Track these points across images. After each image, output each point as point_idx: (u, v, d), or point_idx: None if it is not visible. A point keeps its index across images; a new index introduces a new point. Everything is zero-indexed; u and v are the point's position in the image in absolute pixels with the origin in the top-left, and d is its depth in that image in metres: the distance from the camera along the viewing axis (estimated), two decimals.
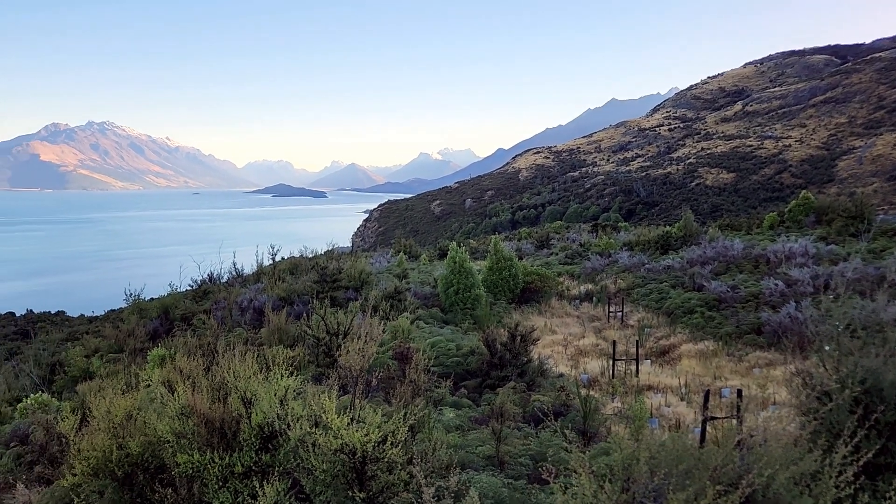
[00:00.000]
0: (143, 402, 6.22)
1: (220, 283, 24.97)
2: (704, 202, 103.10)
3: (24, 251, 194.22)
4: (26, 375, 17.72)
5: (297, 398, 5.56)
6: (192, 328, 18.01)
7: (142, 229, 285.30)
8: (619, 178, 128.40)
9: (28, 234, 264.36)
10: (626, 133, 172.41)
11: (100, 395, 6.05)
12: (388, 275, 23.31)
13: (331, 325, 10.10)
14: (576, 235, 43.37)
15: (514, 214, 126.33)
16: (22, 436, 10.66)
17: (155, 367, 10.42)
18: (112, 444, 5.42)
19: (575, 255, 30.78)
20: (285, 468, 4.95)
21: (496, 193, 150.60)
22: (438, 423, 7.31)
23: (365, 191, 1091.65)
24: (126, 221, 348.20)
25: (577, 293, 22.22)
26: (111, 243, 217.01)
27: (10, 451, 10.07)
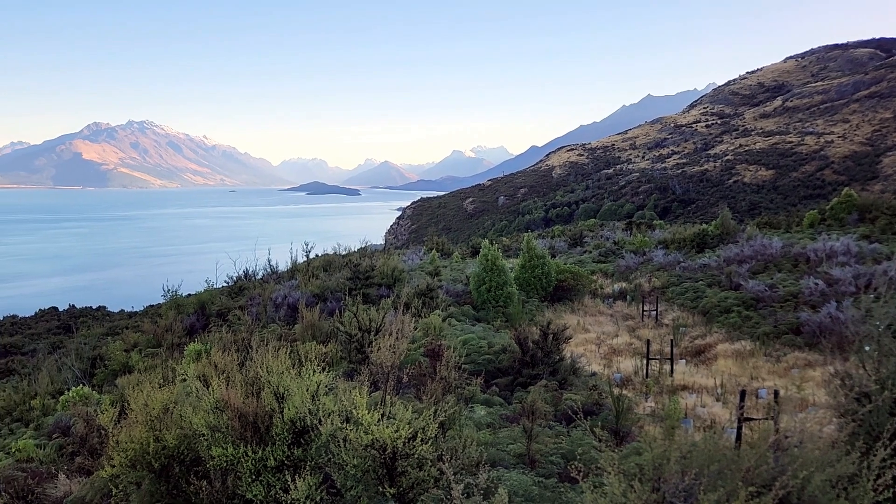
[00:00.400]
0: (179, 396, 6.34)
1: (256, 280, 25.31)
2: (742, 200, 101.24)
3: (67, 248, 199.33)
4: (68, 369, 18.18)
5: (328, 394, 5.61)
6: (228, 324, 18.29)
7: (180, 226, 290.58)
8: (655, 176, 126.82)
9: (71, 231, 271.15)
10: (662, 130, 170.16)
11: (138, 388, 6.18)
12: (420, 272, 23.37)
13: (363, 321, 10.16)
14: (610, 233, 42.96)
15: (548, 212, 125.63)
16: (64, 427, 10.96)
17: (191, 361, 10.60)
18: (149, 436, 5.53)
19: (608, 253, 30.49)
20: (317, 463, 5.00)
21: (529, 191, 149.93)
22: (469, 420, 7.31)
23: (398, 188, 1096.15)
24: (164, 219, 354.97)
25: (610, 291, 22.02)
26: (150, 240, 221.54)
27: (53, 442, 10.36)
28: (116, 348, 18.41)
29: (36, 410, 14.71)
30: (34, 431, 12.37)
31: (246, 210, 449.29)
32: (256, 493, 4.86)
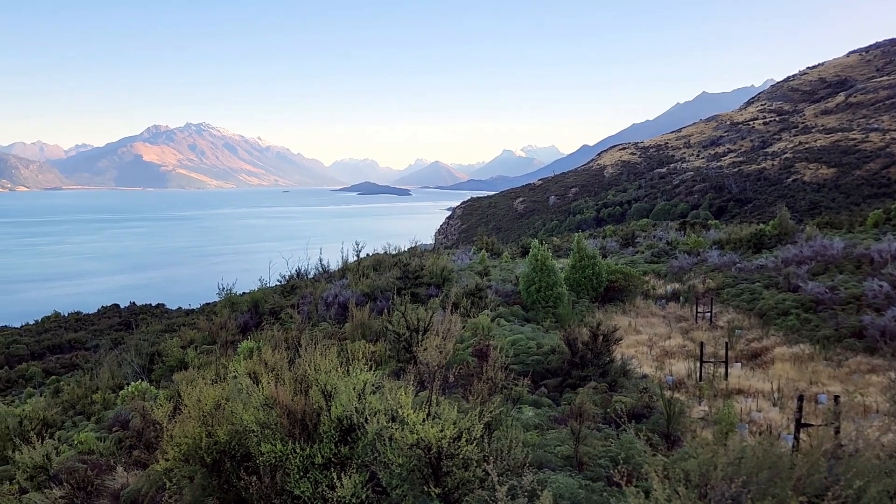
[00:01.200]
0: (230, 393, 6.47)
1: (307, 279, 25.70)
2: (802, 199, 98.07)
3: (128, 247, 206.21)
4: (128, 364, 18.78)
5: (375, 392, 5.65)
6: (280, 322, 18.61)
7: (235, 226, 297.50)
8: (710, 174, 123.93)
9: (132, 230, 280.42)
10: (718, 127, 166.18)
11: (191, 385, 6.34)
12: (469, 272, 23.37)
13: (411, 320, 10.20)
14: (663, 233, 42.17)
15: (599, 212, 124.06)
16: (123, 421, 11.32)
17: (243, 359, 10.82)
18: (202, 431, 5.66)
19: (661, 254, 29.93)
20: (363, 461, 5.04)
21: (580, 190, 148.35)
22: (517, 421, 7.26)
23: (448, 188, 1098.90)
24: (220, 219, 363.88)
25: (663, 292, 21.61)
26: (207, 239, 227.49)
27: (113, 435, 10.71)
28: (173, 345, 18.93)
29: (97, 404, 15.24)
30: (95, 424, 12.81)
31: (299, 210, 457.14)
32: (304, 490, 4.93)
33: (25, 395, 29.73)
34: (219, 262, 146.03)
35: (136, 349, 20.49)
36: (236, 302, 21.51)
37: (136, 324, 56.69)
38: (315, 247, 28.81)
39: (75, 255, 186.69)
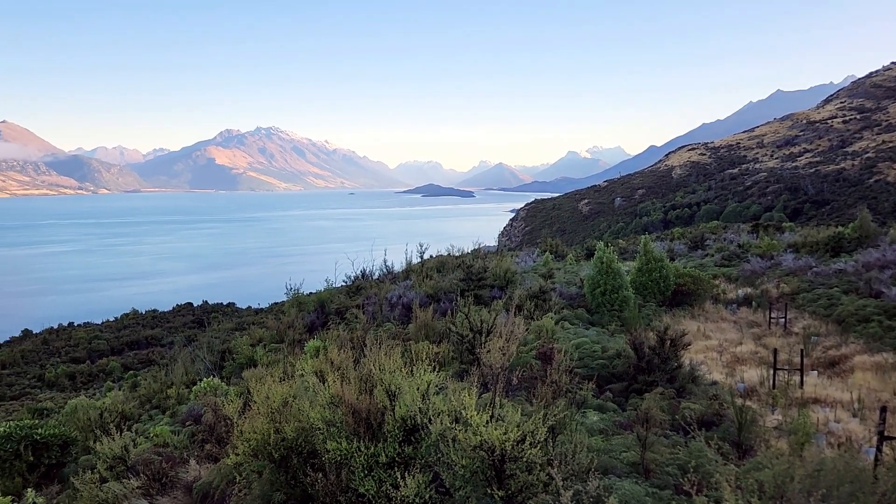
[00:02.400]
0: (298, 391, 6.61)
1: (372, 280, 26.02)
2: (885, 200, 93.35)
3: (201, 247, 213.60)
4: (200, 361, 19.43)
5: (438, 393, 5.67)
6: (346, 322, 18.90)
7: (302, 227, 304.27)
8: (784, 175, 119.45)
9: (204, 231, 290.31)
10: (793, 126, 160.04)
11: (260, 382, 6.50)
12: (533, 274, 23.20)
13: (474, 322, 10.19)
14: (734, 236, 40.90)
15: (667, 214, 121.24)
16: (196, 416, 11.71)
17: (310, 357, 11.03)
18: (270, 428, 5.80)
19: (732, 257, 29.02)
20: (426, 461, 5.06)
21: (647, 192, 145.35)
22: (581, 425, 7.16)
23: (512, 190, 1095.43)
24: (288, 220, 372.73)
25: (734, 297, 20.94)
26: (275, 241, 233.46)
27: (186, 429, 11.09)
28: (243, 343, 19.49)
29: (172, 399, 15.83)
30: (170, 418, 13.30)
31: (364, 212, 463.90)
32: (368, 488, 4.98)
33: (105, 388, 31.15)
34: (286, 263, 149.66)
35: (208, 346, 21.17)
36: (303, 302, 21.96)
37: (207, 322, 58.71)
38: (379, 248, 29.14)
39: (152, 255, 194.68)
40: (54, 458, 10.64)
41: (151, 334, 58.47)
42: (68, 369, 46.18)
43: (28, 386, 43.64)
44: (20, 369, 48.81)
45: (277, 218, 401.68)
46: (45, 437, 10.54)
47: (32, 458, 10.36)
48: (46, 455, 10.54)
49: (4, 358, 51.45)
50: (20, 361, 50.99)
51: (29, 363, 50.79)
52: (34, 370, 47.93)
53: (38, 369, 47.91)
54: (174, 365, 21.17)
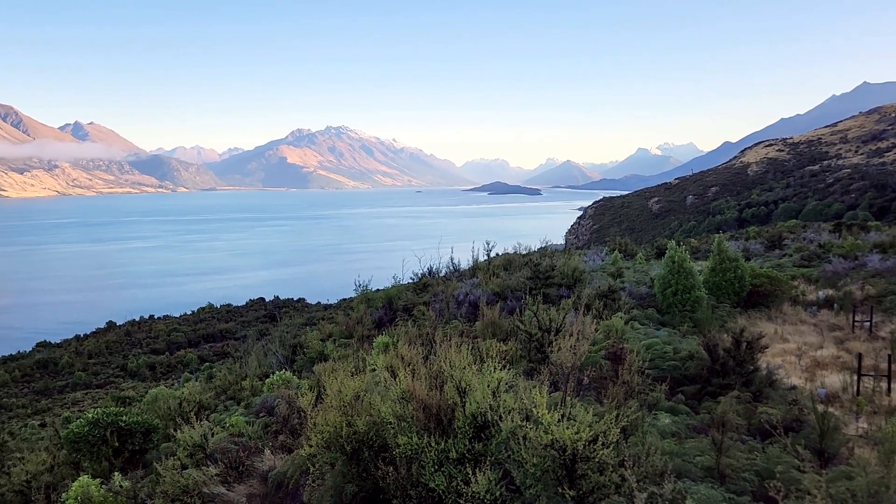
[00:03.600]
0: (368, 385, 6.72)
1: (439, 277, 26.17)
2: None
3: (273, 244, 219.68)
4: (273, 354, 19.98)
5: (508, 391, 5.66)
6: (413, 318, 19.08)
7: (370, 225, 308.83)
8: (870, 172, 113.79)
9: (276, 228, 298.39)
10: (881, 120, 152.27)
11: (332, 375, 6.64)
12: (601, 273, 22.88)
13: (543, 321, 10.13)
14: (814, 235, 39.26)
15: (741, 212, 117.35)
16: (269, 407, 12.05)
17: (379, 353, 11.19)
18: (342, 421, 5.92)
19: (812, 257, 27.86)
20: (496, 458, 5.06)
21: (721, 190, 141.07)
22: (653, 427, 7.03)
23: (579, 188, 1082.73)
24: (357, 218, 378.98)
25: (814, 299, 20.11)
26: (344, 238, 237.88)
27: (260, 420, 11.43)
28: (313, 337, 19.93)
29: (246, 391, 16.34)
30: (244, 409, 13.73)
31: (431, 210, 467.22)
32: (439, 483, 5.02)
33: (183, 379, 32.39)
34: (355, 260, 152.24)
35: (280, 340, 21.75)
36: (372, 298, 22.28)
37: (279, 316, 60.30)
38: (446, 246, 29.28)
39: (226, 251, 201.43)
40: (137, 444, 11.14)
41: (226, 328, 60.48)
42: (149, 360, 48.27)
43: (112, 375, 45.86)
44: (105, 359, 51.34)
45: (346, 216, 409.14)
46: (129, 424, 11.05)
47: (118, 443, 10.89)
48: (130, 441, 11.05)
49: (91, 348, 54.24)
50: (105, 352, 53.64)
51: (113, 353, 53.37)
52: (118, 360, 50.31)
53: (121, 359, 50.27)
54: (248, 358, 21.84)
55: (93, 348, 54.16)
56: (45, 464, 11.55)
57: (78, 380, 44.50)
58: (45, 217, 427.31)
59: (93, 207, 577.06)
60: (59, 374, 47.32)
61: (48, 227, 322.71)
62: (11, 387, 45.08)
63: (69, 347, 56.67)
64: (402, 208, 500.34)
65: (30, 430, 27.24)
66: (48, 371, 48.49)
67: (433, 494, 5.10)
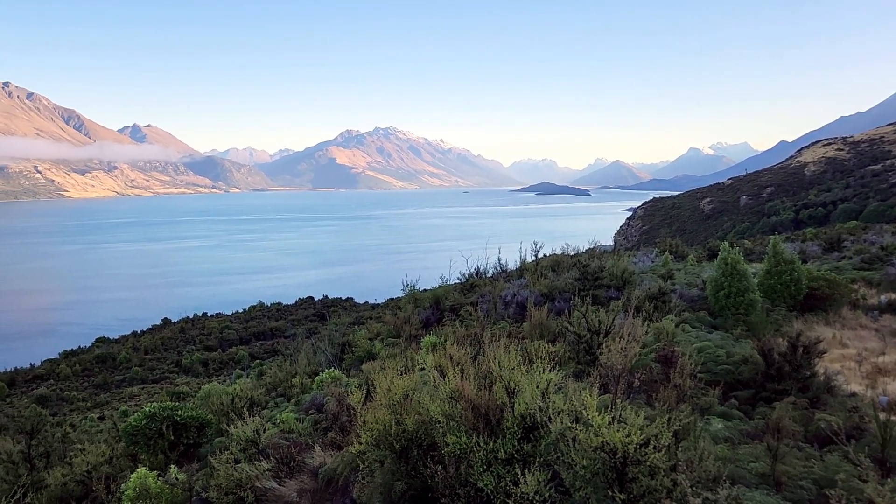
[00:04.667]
0: (417, 384, 6.77)
1: (486, 278, 26.15)
2: None
3: (321, 243, 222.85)
4: (322, 353, 20.26)
5: (557, 392, 5.64)
6: (460, 318, 19.11)
7: (417, 225, 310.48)
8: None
9: (325, 228, 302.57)
10: None
11: (381, 374, 6.71)
12: (651, 275, 22.53)
13: (592, 322, 10.04)
14: (875, 237, 37.87)
15: (798, 213, 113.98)
16: (318, 405, 12.23)
17: (427, 352, 11.25)
18: (391, 419, 5.98)
19: (874, 260, 26.89)
20: (545, 460, 5.05)
21: (776, 190, 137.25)
22: (705, 432, 6.90)
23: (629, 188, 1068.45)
24: (404, 218, 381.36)
25: (875, 303, 19.41)
26: (391, 238, 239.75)
27: (309, 417, 11.60)
28: (362, 336, 20.13)
29: (296, 388, 16.60)
30: (294, 406, 13.96)
31: (478, 210, 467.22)
32: (487, 483, 5.03)
33: (235, 375, 33.11)
34: (402, 260, 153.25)
35: (329, 339, 22.05)
36: (419, 298, 22.39)
37: (328, 315, 61.12)
38: (493, 246, 29.24)
39: (276, 250, 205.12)
40: (192, 438, 11.44)
41: (276, 326, 61.53)
42: (202, 356, 49.46)
43: (167, 371, 47.14)
44: (160, 355, 52.82)
45: (394, 216, 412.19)
46: (184, 419, 11.35)
47: (173, 437, 11.19)
48: (185, 435, 11.35)
49: (147, 344, 55.87)
50: (160, 348, 55.18)
51: (168, 349, 54.87)
52: (172, 356, 51.70)
53: (175, 356, 51.64)
54: (297, 356, 22.19)
55: (149, 344, 55.79)
56: (105, 455, 11.94)
57: (135, 375, 45.90)
58: (105, 217, 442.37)
59: (149, 207, 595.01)
60: (117, 369, 48.89)
61: (107, 227, 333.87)
62: (73, 380, 46.76)
63: (126, 343, 58.51)
64: (449, 209, 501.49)
65: (89, 422, 28.23)
66: (107, 366, 50.15)
67: (482, 494, 5.11)
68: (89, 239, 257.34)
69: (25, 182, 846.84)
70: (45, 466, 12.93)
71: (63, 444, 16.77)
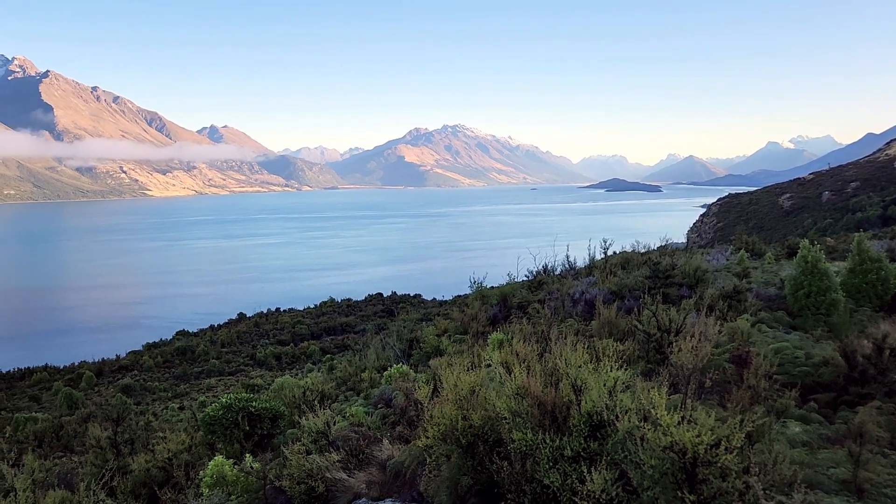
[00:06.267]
0: (484, 380, 6.80)
1: (554, 275, 25.95)
2: None
3: (390, 241, 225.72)
4: (390, 348, 20.55)
5: (625, 391, 5.56)
6: (527, 316, 19.03)
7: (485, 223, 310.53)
8: None
9: (393, 225, 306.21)
10: None
11: (448, 370, 6.77)
12: (726, 273, 21.86)
13: (662, 321, 9.85)
14: None
15: (886, 209, 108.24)
16: (387, 399, 12.42)
17: (494, 349, 11.27)
18: (458, 414, 6.03)
19: None
20: (613, 458, 4.99)
21: (862, 185, 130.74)
22: (781, 435, 6.67)
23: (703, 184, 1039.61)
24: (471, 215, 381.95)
25: None
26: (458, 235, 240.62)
27: (378, 411, 11.80)
28: (429, 332, 20.31)
29: (365, 382, 16.90)
30: (363, 400, 14.21)
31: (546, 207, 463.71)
32: (553, 480, 5.02)
33: (306, 369, 33.93)
34: (469, 257, 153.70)
35: (397, 335, 22.32)
36: (486, 295, 22.41)
37: (396, 311, 61.85)
38: (561, 244, 28.97)
39: (346, 247, 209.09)
40: (265, 429, 11.81)
41: (346, 321, 62.66)
42: (275, 350, 50.84)
43: (242, 364, 48.70)
44: (236, 348, 54.61)
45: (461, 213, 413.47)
46: (258, 410, 11.74)
47: (248, 427, 11.59)
48: (259, 426, 11.73)
49: (223, 338, 57.88)
50: (236, 341, 57.05)
51: (243, 343, 56.66)
52: (247, 350, 53.35)
53: (250, 349, 53.28)
54: (367, 351, 22.58)
55: (225, 338, 57.74)
56: (185, 444, 12.47)
57: (212, 367, 47.62)
58: (184, 215, 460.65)
59: (225, 205, 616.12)
60: (196, 361, 50.82)
61: (186, 224, 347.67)
62: (155, 371, 48.91)
63: (204, 336, 60.76)
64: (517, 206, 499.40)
65: (170, 412, 29.49)
66: (186, 358, 52.21)
67: (548, 491, 5.10)
68: (170, 236, 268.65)
69: (112, 182, 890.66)
70: (129, 452, 13.59)
71: (146, 431, 17.60)
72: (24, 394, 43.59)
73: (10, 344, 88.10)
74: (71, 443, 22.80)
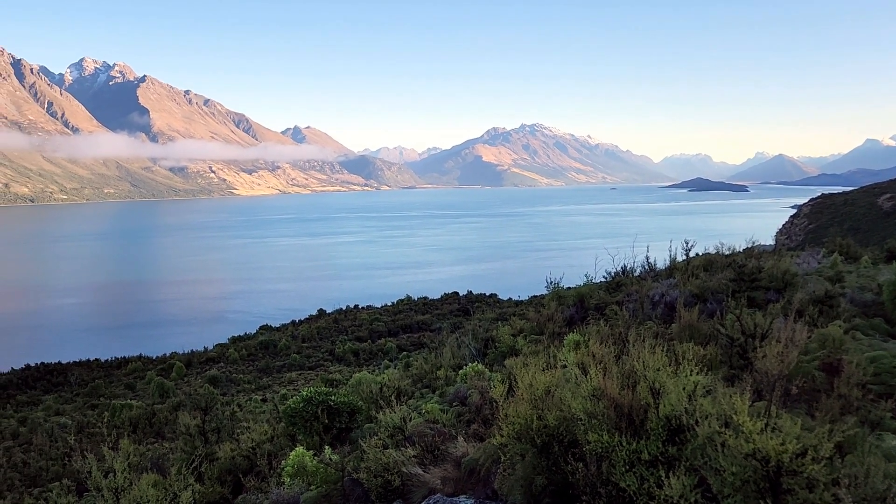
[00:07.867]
0: (559, 381, 6.76)
1: (633, 277, 25.40)
2: None
3: (467, 240, 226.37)
4: (466, 347, 20.65)
5: (706, 396, 5.43)
6: (605, 317, 18.73)
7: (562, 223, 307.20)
8: None
9: (470, 225, 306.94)
10: None
11: (524, 370, 6.77)
12: (817, 277, 20.88)
13: (747, 325, 9.51)
14: None
15: None
16: (462, 397, 12.50)
17: (570, 350, 11.16)
18: (533, 414, 6.02)
19: None
20: (692, 464, 4.88)
21: None
22: (875, 448, 6.34)
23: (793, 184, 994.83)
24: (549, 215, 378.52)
25: None
26: (535, 235, 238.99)
27: (453, 408, 11.90)
28: (505, 332, 20.27)
29: (440, 380, 17.06)
30: (438, 397, 14.35)
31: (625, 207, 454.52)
32: (629, 484, 4.95)
33: (383, 366, 34.50)
34: (546, 257, 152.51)
35: (473, 334, 22.40)
36: (563, 296, 22.17)
37: (472, 310, 62.03)
38: (641, 245, 28.33)
39: (423, 246, 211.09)
40: (343, 422, 12.10)
41: (422, 319, 63.29)
42: (353, 346, 51.91)
43: (322, 359, 49.96)
44: (316, 344, 56.06)
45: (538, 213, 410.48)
46: (337, 404, 12.03)
47: (327, 420, 11.90)
48: (338, 419, 12.02)
49: (304, 333, 59.55)
50: (316, 337, 58.57)
51: (323, 339, 58.12)
52: (326, 345, 54.69)
53: (329, 345, 54.59)
54: (442, 349, 22.77)
55: (306, 333, 59.37)
56: (267, 434, 12.94)
57: (293, 361, 49.06)
58: (269, 213, 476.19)
59: (307, 204, 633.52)
60: (278, 355, 52.48)
61: (271, 223, 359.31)
62: (239, 364, 50.83)
63: (286, 331, 62.66)
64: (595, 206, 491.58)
65: (253, 403, 30.58)
66: (269, 352, 54.00)
67: (623, 494, 5.03)
68: (255, 233, 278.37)
69: (202, 181, 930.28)
70: (216, 440, 14.22)
71: (231, 421, 18.34)
72: (120, 382, 46.21)
73: (110, 334, 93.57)
74: (162, 429, 24.02)
